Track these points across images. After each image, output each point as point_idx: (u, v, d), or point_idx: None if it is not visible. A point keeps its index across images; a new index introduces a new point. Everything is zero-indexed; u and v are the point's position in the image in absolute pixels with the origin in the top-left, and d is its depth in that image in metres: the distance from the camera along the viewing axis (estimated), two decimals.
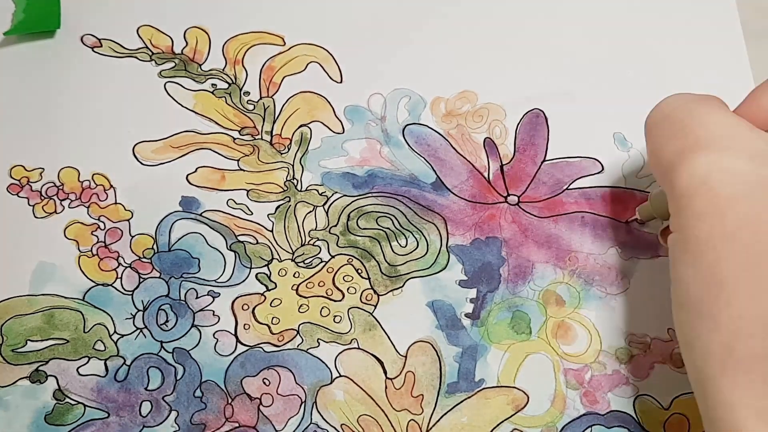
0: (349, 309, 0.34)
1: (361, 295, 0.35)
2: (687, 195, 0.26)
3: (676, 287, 0.27)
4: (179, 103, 0.38)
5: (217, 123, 0.38)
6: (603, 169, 0.37)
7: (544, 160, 0.37)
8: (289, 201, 0.36)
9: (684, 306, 0.26)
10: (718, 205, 0.25)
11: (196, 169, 0.37)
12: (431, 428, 0.32)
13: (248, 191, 0.37)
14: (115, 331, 0.33)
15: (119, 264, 0.35)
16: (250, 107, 0.39)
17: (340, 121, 0.38)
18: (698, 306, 0.25)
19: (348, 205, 0.36)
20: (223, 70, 0.39)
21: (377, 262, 0.35)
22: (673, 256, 0.27)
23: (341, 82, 0.39)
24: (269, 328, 0.34)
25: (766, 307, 0.24)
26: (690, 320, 0.26)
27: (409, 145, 0.38)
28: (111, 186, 0.36)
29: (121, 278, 0.34)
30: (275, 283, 0.35)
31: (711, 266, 0.25)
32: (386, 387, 0.33)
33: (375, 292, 0.35)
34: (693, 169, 0.26)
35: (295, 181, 0.37)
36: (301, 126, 0.38)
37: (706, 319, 0.25)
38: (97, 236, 0.35)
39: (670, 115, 0.28)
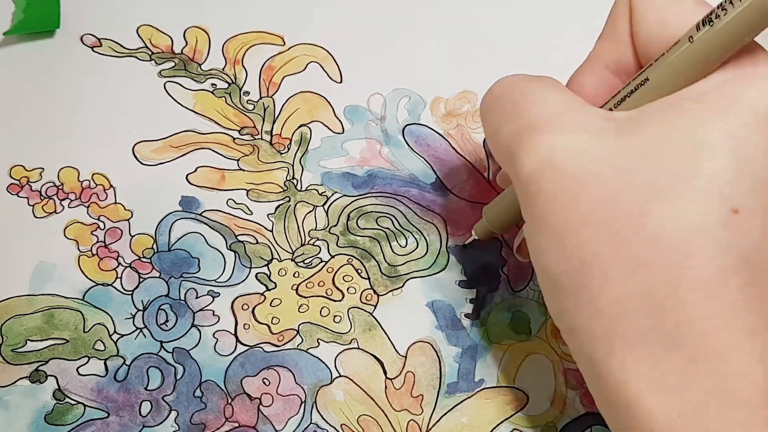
0: (348, 309, 0.34)
1: (360, 295, 0.35)
2: (533, 180, 0.25)
3: (544, 277, 0.26)
4: (179, 103, 0.38)
5: (216, 123, 0.38)
6: None
7: None
8: (288, 201, 0.36)
9: (557, 295, 0.25)
10: (568, 186, 0.24)
11: (196, 168, 0.37)
12: (431, 428, 0.32)
13: (248, 191, 0.37)
14: (114, 331, 0.33)
15: (119, 264, 0.35)
16: (250, 107, 0.39)
17: (340, 121, 0.38)
18: (573, 293, 0.24)
19: (348, 205, 0.36)
20: (223, 69, 0.39)
21: (377, 262, 0.35)
22: (533, 246, 0.26)
23: (341, 82, 0.39)
24: (269, 327, 0.34)
25: (640, 283, 0.23)
26: (568, 308, 0.25)
27: (408, 145, 0.38)
28: (111, 186, 0.36)
29: (120, 278, 0.34)
30: (275, 283, 0.35)
31: (576, 251, 0.24)
32: (386, 387, 0.33)
33: (375, 292, 0.35)
34: (534, 153, 0.25)
35: (294, 181, 0.37)
36: (300, 126, 0.38)
37: (584, 305, 0.24)
38: (96, 236, 0.35)
39: (501, 97, 0.28)
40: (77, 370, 0.33)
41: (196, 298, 0.34)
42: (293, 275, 0.35)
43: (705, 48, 0.24)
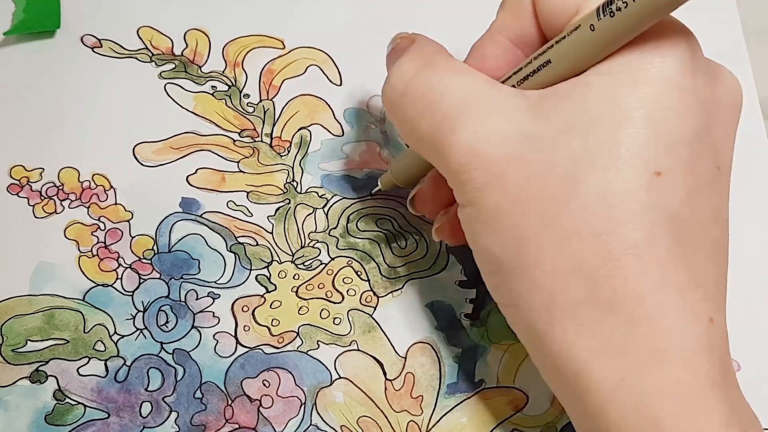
0: (348, 311, 0.34)
1: (360, 297, 0.35)
2: (463, 170, 0.26)
3: (482, 258, 0.27)
4: (179, 105, 0.38)
5: (217, 125, 0.38)
6: None
7: None
8: (289, 203, 0.36)
9: (496, 273, 0.26)
10: (495, 173, 0.25)
11: (197, 170, 0.37)
12: (431, 429, 0.32)
13: (248, 193, 0.37)
14: (115, 332, 0.33)
15: (119, 264, 0.35)
16: (250, 109, 0.39)
17: (340, 123, 0.39)
18: (511, 270, 0.25)
19: (348, 207, 0.37)
20: (223, 72, 0.39)
21: (377, 263, 0.35)
22: (469, 228, 0.27)
23: (341, 84, 0.40)
24: (269, 329, 0.34)
25: (575, 254, 0.24)
26: (506, 284, 0.26)
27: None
28: (111, 186, 0.36)
29: (121, 279, 0.34)
30: (275, 285, 0.35)
31: (511, 230, 0.25)
32: (386, 388, 0.33)
33: (374, 293, 0.35)
34: (458, 146, 0.26)
35: (294, 184, 0.37)
36: (300, 129, 0.38)
37: (523, 279, 0.25)
38: (97, 237, 0.35)
39: (408, 92, 0.28)
40: (77, 370, 0.33)
41: (197, 299, 0.34)
42: (293, 277, 0.35)
43: (607, 35, 0.24)
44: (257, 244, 0.35)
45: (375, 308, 0.35)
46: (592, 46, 0.25)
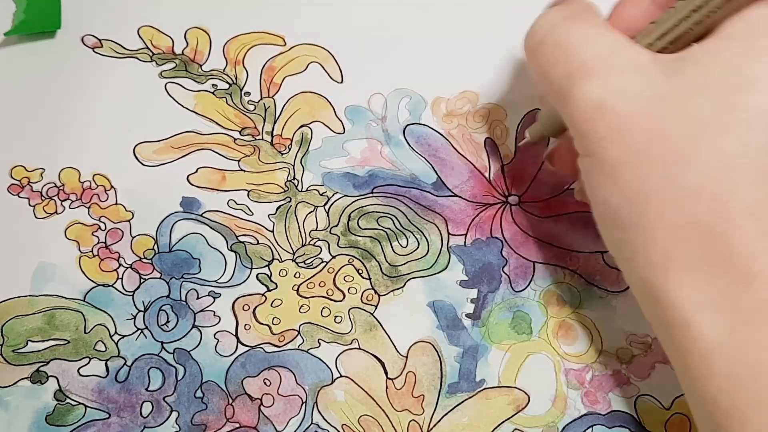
0: (349, 309, 0.34)
1: (361, 296, 0.35)
2: (588, 120, 0.26)
3: (601, 210, 0.27)
4: (180, 104, 0.38)
5: (217, 123, 0.38)
6: None
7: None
8: (289, 201, 0.36)
9: (615, 226, 0.27)
10: (620, 126, 0.26)
11: (197, 169, 0.37)
12: (432, 428, 0.32)
13: (249, 192, 0.37)
14: (115, 332, 0.33)
15: (120, 264, 0.35)
16: (251, 107, 0.39)
17: (341, 121, 0.38)
18: (630, 223, 0.26)
19: (349, 205, 0.36)
20: (224, 70, 0.39)
21: (378, 262, 0.35)
22: (589, 180, 0.27)
23: (342, 82, 0.39)
24: (270, 328, 0.34)
25: (694, 212, 0.25)
26: (625, 238, 0.26)
27: (409, 145, 0.38)
28: (112, 186, 0.36)
29: (121, 279, 0.34)
30: (276, 284, 0.35)
31: (632, 183, 0.26)
32: (387, 387, 0.33)
33: (376, 292, 0.35)
34: (587, 96, 0.26)
35: (295, 182, 0.37)
36: (301, 126, 0.38)
37: (641, 233, 0.26)
38: (97, 237, 0.35)
39: (545, 41, 0.29)
40: (78, 370, 0.33)
41: (197, 298, 0.34)
42: (294, 276, 0.35)
43: None
44: (258, 243, 0.35)
45: (376, 307, 0.34)
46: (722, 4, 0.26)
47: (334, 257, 0.35)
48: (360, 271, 0.35)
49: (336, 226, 0.36)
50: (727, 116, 0.25)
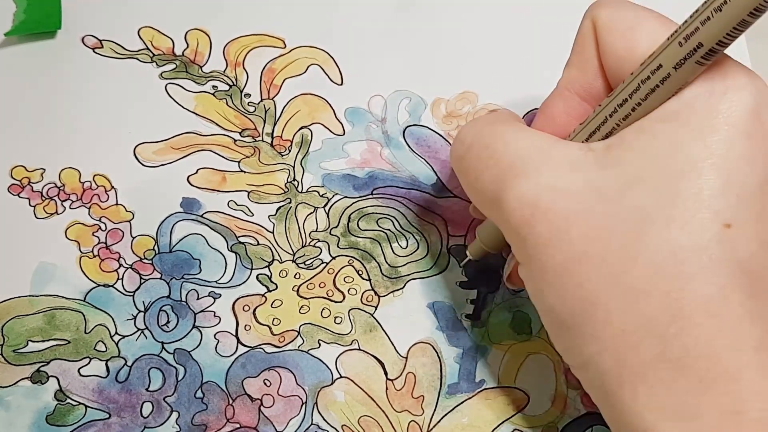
0: (349, 310, 0.34)
1: (361, 297, 0.35)
2: (522, 225, 0.25)
3: (547, 318, 0.26)
4: (180, 105, 0.38)
5: (217, 125, 0.38)
6: None
7: None
8: (289, 202, 0.36)
9: (563, 333, 0.25)
10: (559, 227, 0.24)
11: (197, 170, 0.37)
12: (432, 429, 0.32)
13: (249, 193, 0.37)
14: (116, 332, 0.33)
15: (120, 265, 0.35)
16: (251, 109, 0.39)
17: (341, 122, 0.38)
18: (578, 331, 0.24)
19: (349, 206, 0.36)
20: (224, 72, 0.39)
21: (378, 263, 0.35)
22: (532, 288, 0.26)
23: (342, 84, 0.40)
24: (270, 329, 0.34)
25: (642, 313, 0.23)
26: (574, 346, 0.25)
27: (409, 146, 0.38)
28: (112, 187, 0.36)
29: (122, 279, 0.34)
30: (276, 284, 0.35)
31: (577, 289, 0.24)
32: (387, 388, 0.33)
33: (376, 293, 0.35)
34: (520, 197, 0.25)
35: (295, 183, 0.37)
36: (301, 128, 0.38)
37: (590, 341, 0.24)
38: (98, 237, 0.35)
39: (473, 145, 0.27)
40: (78, 370, 0.33)
41: (197, 299, 0.34)
42: (294, 276, 0.35)
43: (673, 73, 0.24)
44: (258, 244, 0.35)
45: (376, 308, 0.34)
46: (659, 86, 0.24)
47: (334, 258, 0.35)
48: (360, 272, 0.35)
49: (336, 227, 0.36)
50: (669, 205, 0.23)
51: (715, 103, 0.24)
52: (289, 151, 0.38)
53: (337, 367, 0.33)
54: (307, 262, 0.35)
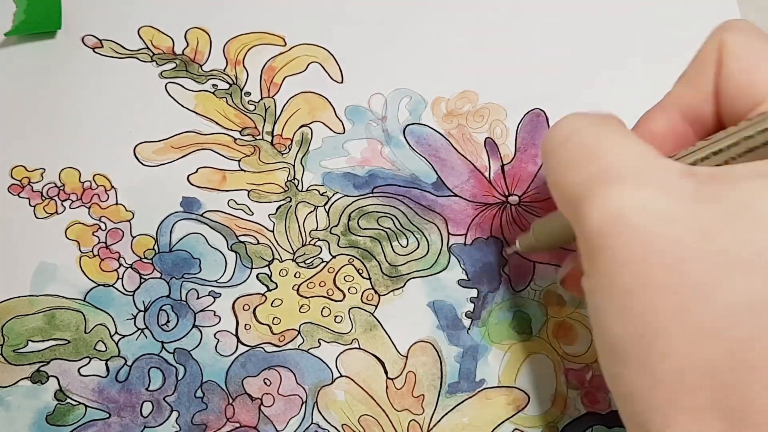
0: (350, 309, 0.34)
1: (362, 296, 0.35)
2: (602, 234, 0.23)
3: (603, 339, 0.24)
4: (180, 104, 0.38)
5: (217, 123, 0.38)
6: None
7: None
8: (290, 201, 0.36)
9: (617, 360, 0.24)
10: (639, 246, 0.23)
11: (197, 169, 0.37)
12: (432, 428, 0.32)
13: (249, 191, 0.37)
14: (116, 332, 0.33)
15: (120, 264, 0.35)
16: (251, 108, 0.39)
17: (341, 121, 0.38)
18: (632, 359, 0.23)
19: (349, 205, 0.36)
20: (224, 70, 0.39)
21: (378, 262, 0.35)
22: (593, 303, 0.24)
23: (342, 82, 0.39)
24: (270, 328, 0.34)
25: (705, 355, 0.22)
26: (625, 374, 0.24)
27: (410, 145, 0.38)
28: (112, 187, 0.36)
29: (122, 279, 0.34)
30: (276, 284, 0.35)
31: (641, 316, 0.23)
32: (387, 387, 0.33)
33: (376, 292, 0.35)
34: (606, 204, 0.23)
35: (296, 182, 0.37)
36: (301, 126, 0.38)
37: (644, 374, 0.23)
38: (98, 237, 0.35)
39: (571, 139, 0.26)
40: (78, 370, 0.33)
41: (197, 298, 0.34)
42: (294, 275, 0.35)
43: None
44: (258, 243, 0.35)
45: (376, 307, 0.34)
46: None
47: (334, 257, 0.35)
48: (360, 271, 0.35)
49: (336, 226, 0.36)
50: (756, 257, 0.22)
51: None
52: (290, 149, 0.38)
53: (337, 366, 0.33)
54: (307, 261, 0.35)
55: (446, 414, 0.32)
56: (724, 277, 0.22)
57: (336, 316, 0.34)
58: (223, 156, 0.37)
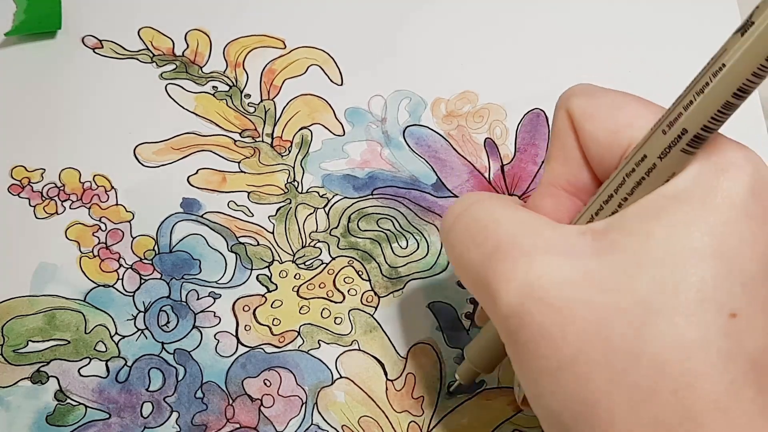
0: (349, 310, 0.34)
1: (361, 297, 0.35)
2: (514, 314, 0.23)
3: (546, 420, 0.24)
4: (180, 105, 0.38)
5: (217, 125, 0.38)
6: None
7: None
8: (289, 203, 0.36)
9: None
10: (554, 319, 0.22)
11: (197, 170, 0.37)
12: (432, 429, 0.32)
13: (249, 193, 0.37)
14: (116, 332, 0.33)
15: (120, 265, 0.35)
16: (251, 110, 0.39)
17: (341, 123, 0.38)
18: None
19: (349, 207, 0.36)
20: (224, 72, 0.39)
21: (378, 263, 0.35)
22: (527, 387, 0.24)
23: (341, 84, 0.40)
24: (270, 329, 0.34)
25: (650, 414, 0.21)
26: None
27: (409, 146, 0.38)
28: (112, 187, 0.36)
29: (122, 279, 0.34)
30: (276, 285, 0.35)
31: (576, 389, 0.22)
32: (387, 388, 0.33)
33: (375, 293, 0.35)
34: (511, 283, 0.23)
35: (295, 183, 0.37)
36: (301, 128, 0.38)
37: None
38: (98, 237, 0.35)
39: (462, 216, 0.26)
40: (79, 371, 0.33)
41: (198, 299, 0.34)
42: (294, 277, 0.35)
43: (659, 163, 0.23)
44: (258, 244, 0.35)
45: (376, 308, 0.34)
46: (654, 171, 0.23)
47: (334, 259, 0.35)
48: (360, 273, 0.35)
49: (336, 227, 0.36)
50: (672, 296, 0.21)
51: (715, 181, 0.22)
52: (289, 151, 0.38)
53: (337, 368, 0.33)
54: (307, 263, 0.35)
55: (446, 415, 0.32)
56: (643, 328, 0.21)
57: (336, 318, 0.34)
58: (223, 158, 0.37)
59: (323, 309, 0.34)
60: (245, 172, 0.37)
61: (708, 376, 0.21)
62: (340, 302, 0.35)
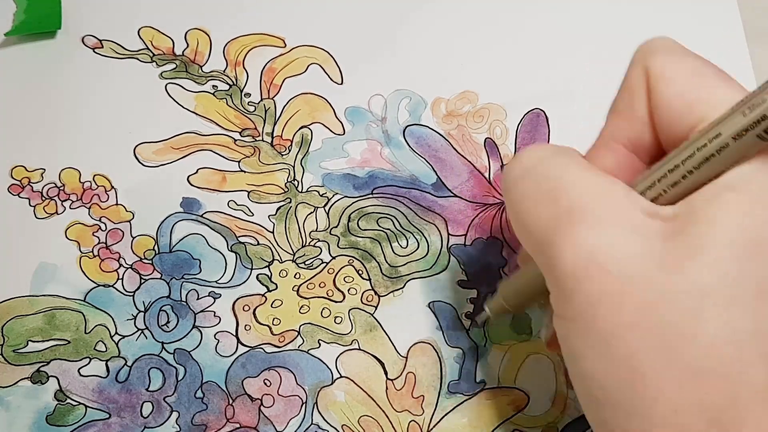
0: (349, 310, 0.34)
1: (361, 296, 0.35)
2: (575, 276, 0.23)
3: (584, 384, 0.24)
4: (180, 105, 0.38)
5: (217, 124, 0.38)
6: None
7: None
8: (289, 202, 0.36)
9: (603, 405, 0.23)
10: (614, 288, 0.22)
11: (197, 170, 0.37)
12: (432, 429, 0.32)
13: (249, 192, 0.37)
14: (116, 332, 0.33)
15: (120, 265, 0.35)
16: (251, 109, 0.39)
17: (341, 122, 0.38)
18: (621, 405, 0.23)
19: (349, 206, 0.36)
20: (224, 71, 0.39)
21: (378, 263, 0.35)
22: (570, 348, 0.24)
23: (342, 83, 0.40)
24: (270, 329, 0.34)
25: (697, 393, 0.22)
26: (614, 419, 0.23)
27: (409, 145, 0.38)
28: (112, 187, 0.36)
29: (122, 279, 0.34)
30: (276, 284, 0.35)
31: (625, 359, 0.22)
32: (387, 388, 0.33)
33: (376, 293, 0.35)
34: (576, 247, 0.23)
35: (295, 183, 0.37)
36: (301, 127, 0.38)
37: (636, 418, 0.22)
38: (98, 237, 0.35)
39: (532, 171, 0.25)
40: (79, 370, 0.33)
41: (197, 299, 0.34)
42: (294, 276, 0.35)
43: (732, 143, 0.23)
44: (258, 244, 0.35)
45: (376, 307, 0.34)
46: (726, 153, 0.23)
47: (334, 258, 0.35)
48: (360, 272, 0.35)
49: (336, 227, 0.36)
50: (732, 286, 0.22)
51: None
52: (289, 150, 0.38)
53: (337, 367, 0.33)
54: (307, 262, 0.35)
55: (446, 415, 0.32)
56: (701, 313, 0.22)
57: (336, 317, 0.34)
58: (223, 157, 0.37)
59: (323, 308, 0.34)
60: (245, 172, 0.37)
61: (757, 366, 0.21)
62: (340, 302, 0.34)
